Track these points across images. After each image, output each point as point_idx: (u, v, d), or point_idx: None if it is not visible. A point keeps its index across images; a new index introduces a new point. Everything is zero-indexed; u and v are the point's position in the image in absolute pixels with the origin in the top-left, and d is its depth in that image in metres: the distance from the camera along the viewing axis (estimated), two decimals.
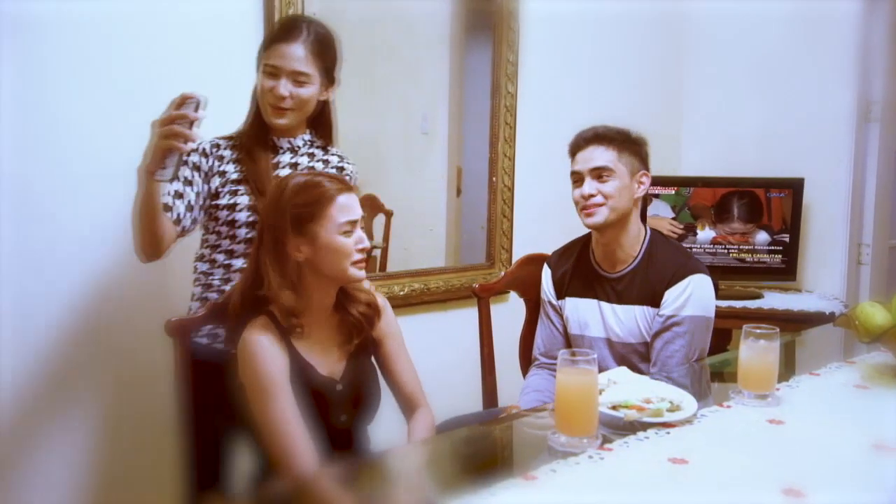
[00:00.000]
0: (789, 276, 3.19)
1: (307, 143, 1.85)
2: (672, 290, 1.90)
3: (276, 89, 1.71)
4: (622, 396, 1.50)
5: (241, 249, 1.74)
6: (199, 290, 1.79)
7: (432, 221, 2.88)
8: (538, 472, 1.22)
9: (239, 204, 1.73)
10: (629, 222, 1.96)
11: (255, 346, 1.50)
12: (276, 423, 1.48)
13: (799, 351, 2.23)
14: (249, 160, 1.75)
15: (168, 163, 1.49)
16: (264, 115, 1.76)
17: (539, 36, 2.90)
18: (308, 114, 1.80)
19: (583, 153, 1.96)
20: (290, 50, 1.71)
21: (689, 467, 1.25)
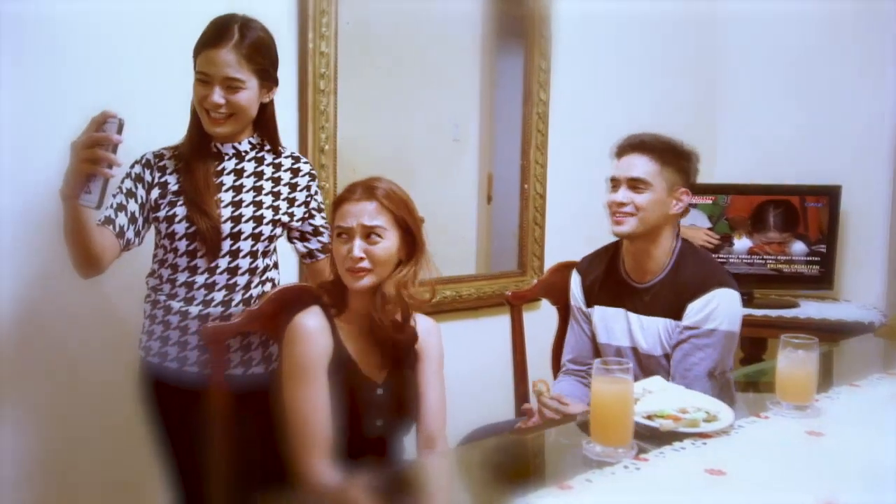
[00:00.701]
0: (826, 285, 3.14)
1: (254, 146, 1.77)
2: (695, 302, 1.86)
3: (210, 98, 1.62)
4: (657, 406, 1.49)
5: (184, 263, 1.68)
6: (149, 307, 1.74)
7: (463, 228, 2.88)
8: (573, 481, 1.21)
9: (177, 215, 1.66)
10: (660, 235, 1.93)
11: (301, 329, 1.55)
12: (303, 407, 1.50)
13: (837, 361, 2.19)
14: (186, 170, 1.68)
15: (93, 188, 1.41)
16: (203, 123, 1.67)
17: (571, 43, 2.90)
18: (248, 120, 1.72)
19: (625, 159, 1.94)
20: (220, 56, 1.61)
21: (726, 478, 1.23)
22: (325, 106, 2.23)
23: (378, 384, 1.61)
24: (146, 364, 1.73)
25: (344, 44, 2.27)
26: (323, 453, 1.50)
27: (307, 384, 1.51)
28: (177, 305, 1.68)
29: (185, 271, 1.68)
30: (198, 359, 1.69)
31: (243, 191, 1.72)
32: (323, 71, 2.21)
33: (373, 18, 2.42)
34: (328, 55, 2.21)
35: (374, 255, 1.56)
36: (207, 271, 1.68)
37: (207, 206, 1.66)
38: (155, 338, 1.71)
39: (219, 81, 1.62)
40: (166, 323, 1.69)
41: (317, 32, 2.19)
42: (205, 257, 1.67)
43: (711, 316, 1.85)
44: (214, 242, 1.66)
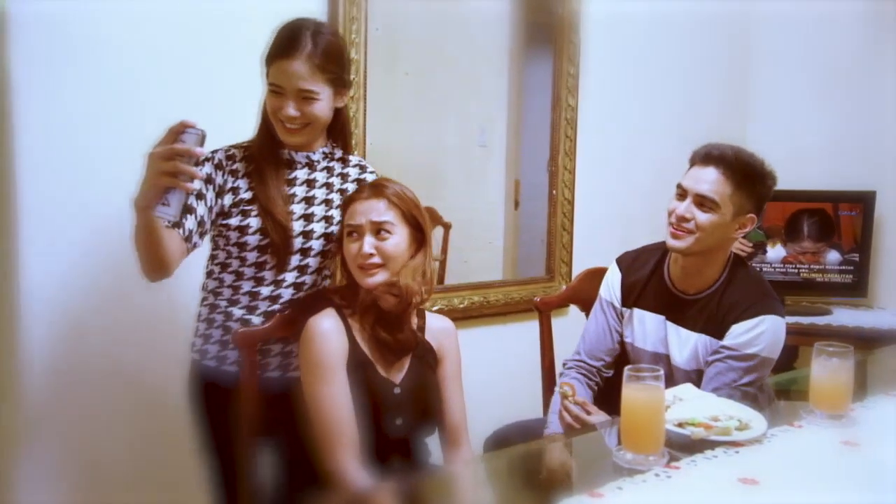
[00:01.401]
0: (860, 293, 3.09)
1: (326, 156, 1.75)
2: (741, 325, 1.79)
3: (285, 110, 1.59)
4: (689, 414, 1.47)
5: (250, 273, 1.66)
6: (206, 310, 1.72)
7: (491, 234, 2.87)
8: (604, 489, 1.20)
9: (251, 227, 1.63)
10: (715, 256, 1.85)
11: (317, 330, 1.56)
12: (326, 406, 1.52)
13: (872, 370, 2.15)
14: (259, 179, 1.65)
15: (171, 200, 1.38)
16: (278, 133, 1.65)
17: (600, 48, 2.89)
18: (324, 127, 1.69)
19: (698, 170, 1.82)
20: (293, 67, 1.57)
21: (759, 488, 1.22)
22: (355, 112, 2.24)
23: (395, 384, 1.62)
24: (200, 367, 1.72)
25: (373, 51, 2.28)
26: (350, 450, 1.52)
27: (327, 382, 1.53)
28: (238, 313, 1.68)
29: (251, 280, 1.67)
30: (258, 363, 1.71)
31: (314, 203, 1.71)
32: (352, 77, 2.22)
33: (402, 25, 2.43)
34: (357, 62, 2.23)
35: (385, 251, 1.58)
36: (274, 283, 1.67)
37: (284, 219, 1.64)
38: (213, 342, 1.70)
39: (292, 94, 1.58)
40: (226, 328, 1.68)
41: (346, 39, 2.20)
42: (272, 270, 1.66)
43: (756, 341, 1.78)
44: (284, 258, 1.66)
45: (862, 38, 3.19)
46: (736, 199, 1.79)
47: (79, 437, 1.90)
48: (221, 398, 1.67)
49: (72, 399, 1.88)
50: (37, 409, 1.85)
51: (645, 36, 3.04)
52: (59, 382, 1.86)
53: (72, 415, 1.89)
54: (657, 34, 3.08)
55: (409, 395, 1.63)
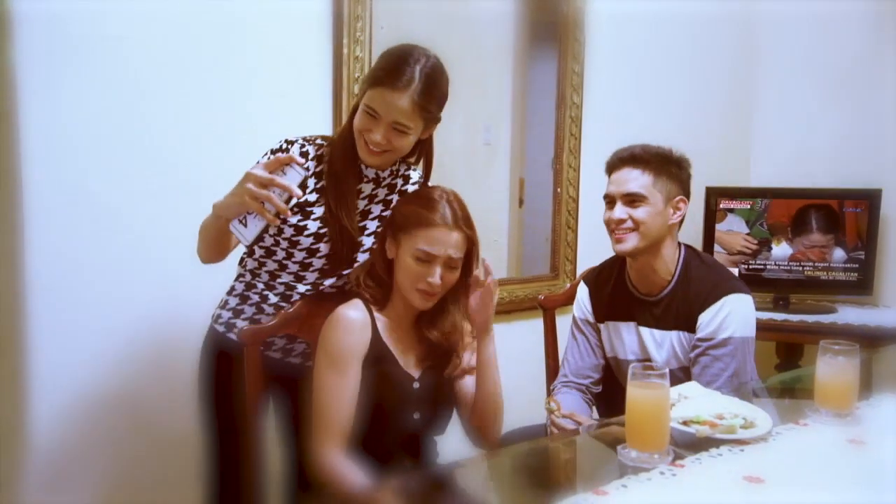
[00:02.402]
0: (865, 291, 3.08)
1: (393, 173, 1.73)
2: (706, 312, 1.83)
3: (374, 135, 1.56)
4: (694, 412, 1.47)
5: (294, 268, 1.67)
6: (242, 287, 1.73)
7: (495, 232, 2.87)
8: (609, 487, 1.20)
9: (308, 228, 1.63)
10: (662, 247, 1.88)
11: (340, 320, 1.58)
12: (328, 395, 1.53)
13: (877, 368, 2.14)
14: (332, 181, 1.63)
15: (249, 221, 1.41)
16: (359, 150, 1.61)
17: (605, 46, 2.88)
18: (401, 155, 1.68)
19: (617, 174, 1.89)
20: (396, 100, 1.52)
21: (765, 486, 1.22)
22: None
23: (415, 378, 1.64)
24: (222, 338, 1.73)
25: (378, 49, 2.27)
26: (337, 441, 1.52)
27: (337, 373, 1.54)
28: (274, 299, 1.70)
29: (291, 275, 1.68)
30: (283, 346, 1.75)
31: (369, 217, 1.70)
32: (357, 75, 2.22)
33: (407, 23, 2.43)
34: (363, 60, 2.23)
35: (447, 283, 1.60)
36: (312, 284, 1.68)
37: (356, 231, 1.65)
38: (243, 317, 1.72)
39: (386, 123, 1.55)
40: (259, 308, 1.71)
41: (351, 37, 2.20)
42: (315, 272, 1.67)
43: (724, 324, 1.81)
44: (340, 268, 1.67)
45: (867, 38, 3.18)
46: (660, 186, 1.86)
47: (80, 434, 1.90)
48: (237, 373, 1.67)
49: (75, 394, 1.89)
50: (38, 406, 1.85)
51: (650, 35, 3.04)
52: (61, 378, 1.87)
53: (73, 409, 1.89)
54: (662, 33, 3.07)
55: (428, 389, 1.64)
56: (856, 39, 3.21)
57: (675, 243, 1.93)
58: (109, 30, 1.86)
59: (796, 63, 3.37)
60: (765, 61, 3.43)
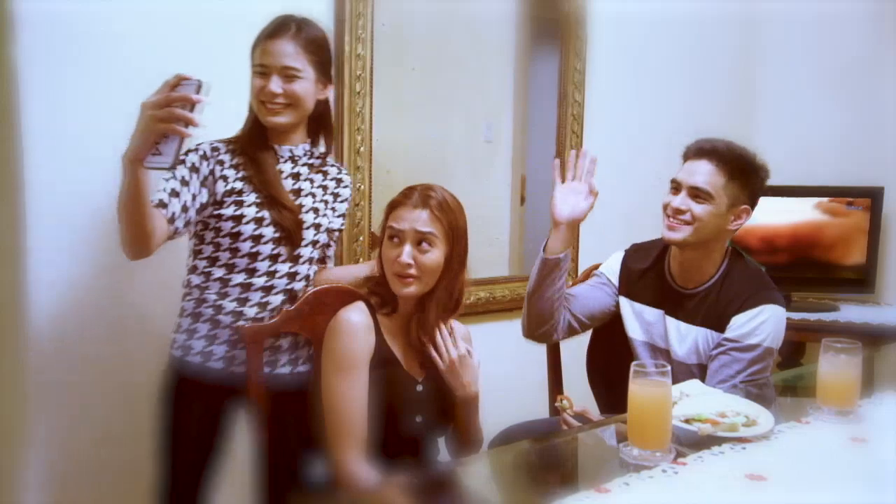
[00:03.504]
0: (867, 289, 3.08)
1: (307, 153, 1.78)
2: (741, 315, 1.81)
3: (268, 88, 1.63)
4: (696, 410, 1.47)
5: (243, 264, 1.65)
6: (192, 305, 1.69)
7: (497, 230, 2.87)
8: (611, 484, 1.20)
9: (245, 216, 1.64)
10: (712, 248, 1.87)
11: (344, 323, 1.57)
12: (340, 400, 1.53)
13: (879, 366, 2.15)
14: (254, 166, 1.67)
15: (164, 149, 1.33)
16: (260, 115, 1.67)
17: (607, 44, 2.88)
18: (305, 112, 1.71)
19: (692, 164, 1.85)
20: (278, 46, 1.63)
21: (767, 484, 1.22)
22: (361, 108, 2.24)
23: (418, 381, 1.63)
24: (180, 364, 1.69)
25: (379, 46, 2.28)
26: (356, 446, 1.52)
27: (346, 378, 1.54)
28: (230, 305, 1.66)
29: (243, 272, 1.66)
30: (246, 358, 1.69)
31: (302, 195, 1.73)
32: (359, 73, 2.22)
33: (408, 21, 2.43)
34: (364, 57, 2.23)
35: (422, 264, 1.57)
36: (266, 274, 1.67)
37: (288, 202, 1.67)
38: (199, 336, 1.68)
39: (276, 71, 1.63)
40: (215, 321, 1.67)
41: (353, 35, 2.20)
42: (266, 260, 1.66)
43: (757, 331, 1.79)
44: (297, 239, 1.68)
45: (869, 36, 3.18)
46: (729, 190, 1.82)
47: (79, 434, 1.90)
48: (203, 397, 1.67)
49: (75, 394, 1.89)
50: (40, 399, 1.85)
51: (652, 32, 3.03)
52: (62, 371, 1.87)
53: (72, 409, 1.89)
54: (664, 31, 3.07)
55: (431, 392, 1.64)
56: (857, 38, 3.21)
57: (725, 247, 1.90)
58: (111, 29, 1.85)
59: (798, 61, 3.36)
60: (767, 60, 3.42)
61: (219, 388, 1.68)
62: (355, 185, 2.28)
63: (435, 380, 1.65)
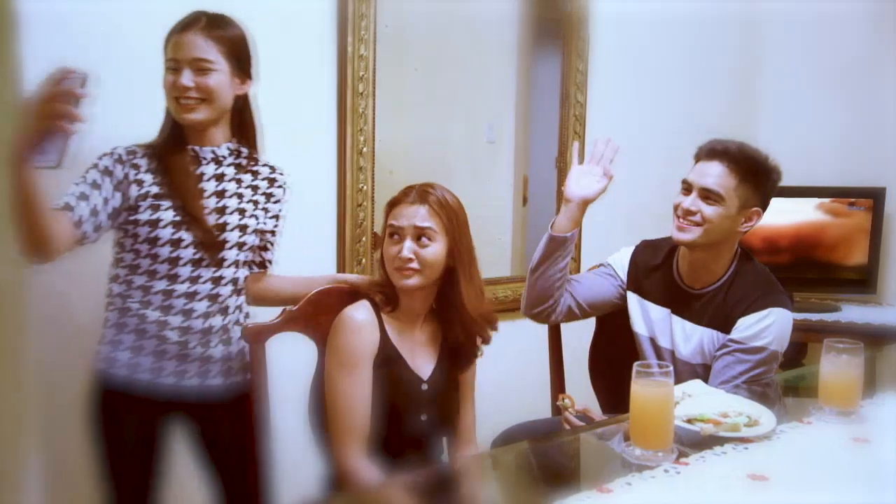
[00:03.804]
0: (869, 289, 3.08)
1: (232, 152, 1.69)
2: (748, 317, 1.80)
3: (179, 82, 1.56)
4: (698, 410, 1.47)
5: (163, 270, 1.58)
6: (115, 315, 1.62)
7: (499, 230, 2.88)
8: (613, 484, 1.20)
9: (162, 220, 1.57)
10: (721, 250, 1.86)
11: (349, 321, 1.58)
12: (343, 398, 1.54)
13: (881, 367, 2.15)
14: (167, 172, 1.60)
15: (49, 147, 1.26)
16: (174, 114, 1.60)
17: (609, 44, 2.88)
18: (222, 108, 1.63)
19: (703, 165, 1.84)
20: (187, 38, 1.57)
21: (769, 484, 1.22)
22: (364, 108, 2.25)
23: (423, 380, 1.64)
24: (106, 377, 1.62)
25: (382, 47, 2.29)
26: (358, 443, 1.53)
27: (349, 375, 1.55)
28: (153, 315, 1.59)
29: (164, 279, 1.59)
30: (175, 368, 1.62)
31: (226, 196, 1.66)
32: (362, 74, 2.23)
33: (410, 22, 2.44)
34: (367, 58, 2.23)
35: (423, 258, 1.59)
36: (189, 280, 1.60)
37: (199, 211, 1.59)
38: (124, 348, 1.61)
39: (187, 64, 1.57)
40: (140, 332, 1.60)
41: (356, 36, 2.21)
42: (188, 265, 1.60)
43: (763, 333, 1.78)
44: (211, 250, 1.61)
45: (870, 37, 3.18)
46: (741, 192, 1.81)
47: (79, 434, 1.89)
48: (134, 411, 1.61)
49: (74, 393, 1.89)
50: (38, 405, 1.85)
51: (653, 33, 3.04)
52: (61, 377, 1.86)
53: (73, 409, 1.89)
54: (666, 32, 3.07)
55: (436, 391, 1.65)
56: (857, 38, 3.21)
57: (734, 249, 1.90)
58: (114, 28, 1.86)
59: (799, 62, 3.36)
60: (768, 60, 3.42)
61: (147, 400, 1.61)
62: (357, 187, 2.28)
63: (440, 378, 1.65)
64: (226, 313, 1.67)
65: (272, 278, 1.79)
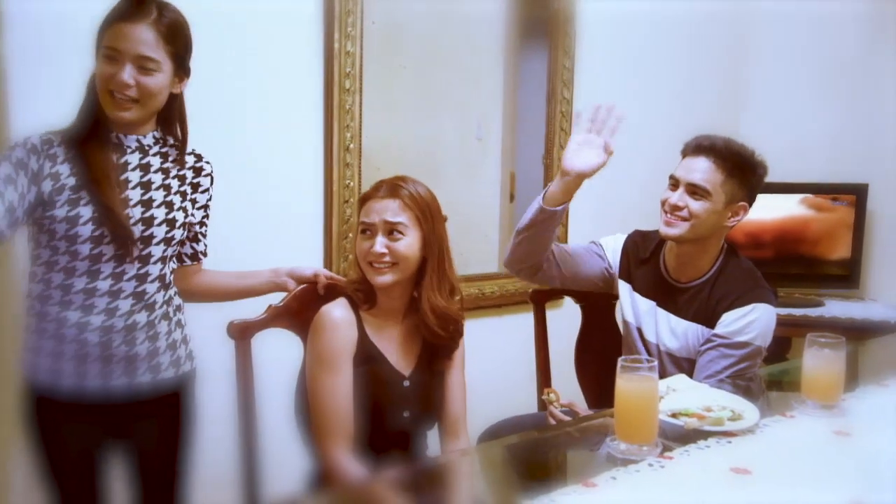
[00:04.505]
0: (852, 284, 3.11)
1: (157, 141, 1.59)
2: (732, 312, 1.82)
3: (119, 76, 1.43)
4: (682, 404, 1.49)
5: (84, 267, 1.48)
6: (35, 321, 1.52)
7: (486, 227, 2.88)
8: (598, 479, 1.21)
9: (82, 216, 1.46)
10: (707, 244, 1.88)
11: (326, 319, 1.57)
12: (326, 395, 1.54)
13: (863, 361, 2.17)
14: (86, 161, 1.48)
15: None
16: (104, 106, 1.48)
17: (596, 41, 2.89)
18: (155, 109, 1.54)
19: (690, 160, 1.86)
20: (136, 31, 1.43)
21: (752, 477, 1.23)
22: (351, 105, 2.25)
23: (405, 376, 1.64)
24: (32, 383, 1.53)
25: (369, 44, 2.29)
26: (342, 440, 1.53)
27: (331, 373, 1.55)
28: (74, 316, 1.49)
29: (85, 276, 1.49)
30: (100, 371, 1.52)
31: (152, 188, 1.56)
32: (348, 70, 2.23)
33: (398, 19, 2.44)
34: (353, 55, 2.23)
35: (396, 252, 1.58)
36: (112, 277, 1.50)
37: (115, 205, 1.48)
38: (45, 354, 1.51)
39: (130, 59, 1.44)
40: (59, 337, 1.50)
41: (342, 32, 2.21)
42: (111, 262, 1.50)
43: (747, 329, 1.80)
44: (127, 247, 1.50)
45: (854, 36, 3.21)
46: (727, 187, 1.82)
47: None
48: (60, 417, 1.53)
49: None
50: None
51: (640, 29, 3.05)
52: None
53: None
54: (653, 28, 3.08)
55: (418, 387, 1.65)
56: (845, 38, 3.24)
57: (721, 244, 1.92)
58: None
59: (786, 60, 3.39)
60: (754, 58, 3.45)
61: (75, 405, 1.52)
62: (344, 183, 2.28)
63: (422, 374, 1.66)
64: (152, 309, 1.57)
65: (207, 273, 1.73)
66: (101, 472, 1.58)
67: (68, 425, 1.54)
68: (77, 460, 1.55)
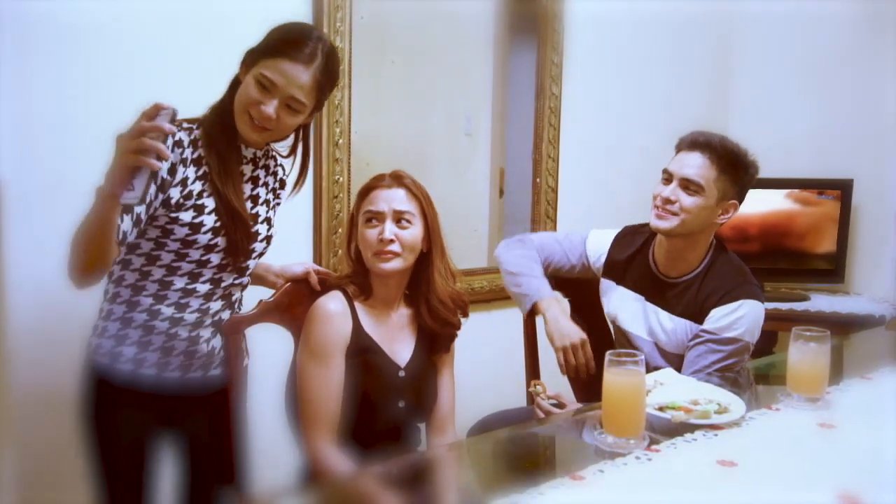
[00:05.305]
0: (837, 279, 3.14)
1: (265, 153, 1.64)
2: (720, 308, 1.83)
3: (265, 109, 1.45)
4: (669, 398, 1.50)
5: (188, 269, 1.52)
6: (122, 309, 1.53)
7: (476, 222, 2.89)
8: (585, 472, 1.22)
9: (205, 225, 1.49)
10: (697, 240, 1.89)
11: (321, 312, 1.59)
12: (313, 387, 1.55)
13: (848, 354, 2.20)
14: (219, 173, 1.50)
15: (136, 183, 1.25)
16: (238, 122, 1.50)
17: (584, 37, 2.90)
18: (285, 137, 1.59)
19: (684, 155, 1.86)
20: (297, 73, 1.45)
21: (738, 469, 1.25)
22: (340, 100, 2.25)
23: (401, 367, 1.65)
24: (105, 371, 1.55)
25: (358, 39, 2.28)
26: (328, 433, 1.55)
27: (320, 365, 1.56)
28: (168, 311, 1.53)
29: (186, 276, 1.53)
30: (181, 364, 1.58)
31: (259, 203, 1.63)
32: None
33: (387, 14, 2.44)
34: (342, 50, 2.23)
35: (404, 240, 1.60)
36: (211, 282, 1.56)
37: (245, 213, 1.53)
38: (129, 343, 1.53)
39: (281, 97, 1.46)
40: (148, 327, 1.53)
41: (331, 28, 2.20)
42: (213, 268, 1.55)
43: (735, 325, 1.82)
44: (237, 260, 1.56)
45: (840, 34, 3.24)
46: (720, 184, 1.83)
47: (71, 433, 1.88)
48: (136, 406, 1.55)
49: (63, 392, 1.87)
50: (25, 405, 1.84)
51: (628, 26, 3.06)
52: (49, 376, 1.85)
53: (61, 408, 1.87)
54: (640, 25, 3.10)
55: (414, 377, 1.66)
56: (829, 36, 3.27)
57: (710, 240, 1.93)
58: (85, 21, 1.84)
59: (772, 58, 3.42)
60: (742, 55, 3.48)
61: (152, 396, 1.56)
62: (333, 178, 2.28)
63: (418, 364, 1.67)
64: (233, 309, 1.66)
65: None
66: (153, 467, 1.61)
67: (136, 414, 1.56)
68: (135, 450, 1.58)
